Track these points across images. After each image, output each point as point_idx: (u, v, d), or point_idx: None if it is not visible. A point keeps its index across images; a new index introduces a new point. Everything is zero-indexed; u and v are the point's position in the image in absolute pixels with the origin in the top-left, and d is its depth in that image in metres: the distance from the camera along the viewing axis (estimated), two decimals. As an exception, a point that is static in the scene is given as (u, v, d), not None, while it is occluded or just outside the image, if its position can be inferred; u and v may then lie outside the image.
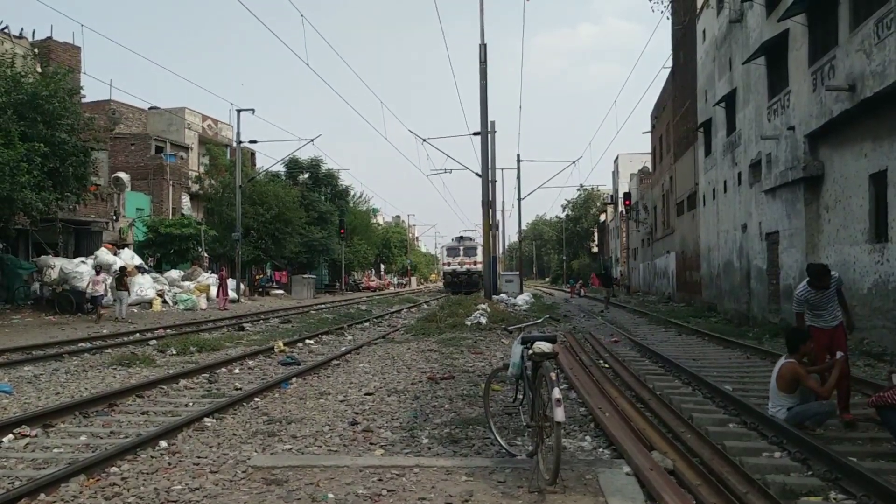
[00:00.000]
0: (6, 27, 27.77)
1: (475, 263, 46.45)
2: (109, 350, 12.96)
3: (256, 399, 8.13)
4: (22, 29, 29.02)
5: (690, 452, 5.44)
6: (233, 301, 29.83)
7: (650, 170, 44.09)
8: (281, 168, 48.08)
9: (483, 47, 22.41)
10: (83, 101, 25.21)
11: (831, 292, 6.73)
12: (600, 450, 5.86)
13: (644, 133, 42.32)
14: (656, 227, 39.35)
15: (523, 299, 27.77)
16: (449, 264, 49.45)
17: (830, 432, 6.17)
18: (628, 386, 8.73)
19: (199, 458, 5.58)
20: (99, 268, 21.17)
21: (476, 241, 48.71)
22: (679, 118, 30.62)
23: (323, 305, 30.07)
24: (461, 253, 48.85)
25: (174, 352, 12.56)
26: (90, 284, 20.42)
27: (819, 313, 6.73)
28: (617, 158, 62.96)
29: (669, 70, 33.45)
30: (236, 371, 10.60)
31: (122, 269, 21.66)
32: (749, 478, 4.70)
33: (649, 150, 42.82)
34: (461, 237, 50.97)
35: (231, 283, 30.72)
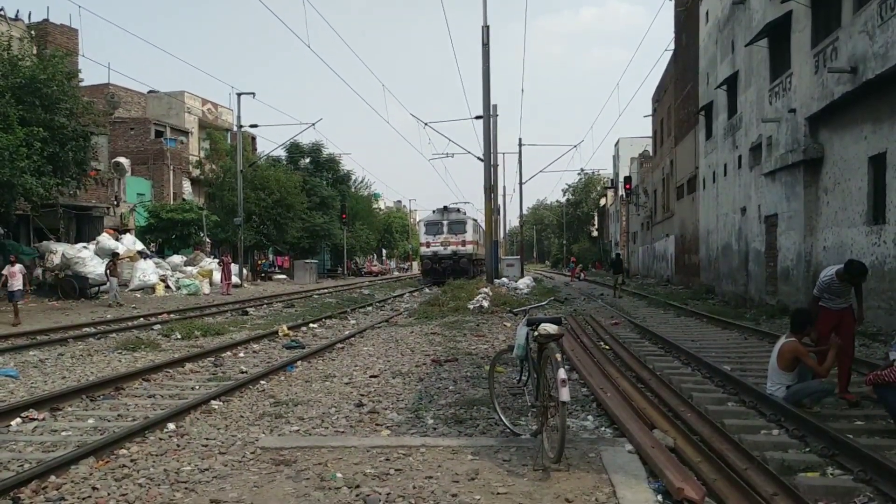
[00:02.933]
0: (1, 9, 27.55)
1: (463, 244, 35.48)
2: (114, 335, 13.06)
3: (262, 382, 8.22)
4: (17, 11, 28.84)
5: (691, 431, 5.53)
6: (236, 286, 29.92)
7: (651, 153, 44.00)
8: (282, 153, 47.99)
9: (485, 29, 22.23)
10: (81, 84, 25.07)
11: (852, 287, 6.78)
12: (603, 429, 5.96)
13: (645, 116, 42.20)
14: (656, 211, 39.37)
15: (524, 283, 27.82)
16: (428, 245, 36.34)
17: (827, 410, 6.26)
18: (629, 367, 8.82)
19: (207, 439, 5.66)
20: (14, 258, 17.11)
21: (465, 215, 37.69)
22: (680, 101, 30.51)
23: (325, 290, 30.16)
24: (445, 229, 35.98)
25: (179, 336, 12.65)
26: (6, 277, 16.03)
27: (833, 298, 6.76)
28: (618, 142, 62.87)
29: (671, 53, 33.29)
30: (241, 355, 10.69)
31: (115, 254, 21.99)
32: (748, 454, 4.79)
33: (650, 133, 42.72)
34: (445, 208, 37.23)
35: (234, 268, 30.80)
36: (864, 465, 4.58)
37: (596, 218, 79.37)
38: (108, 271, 20.70)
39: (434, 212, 37.83)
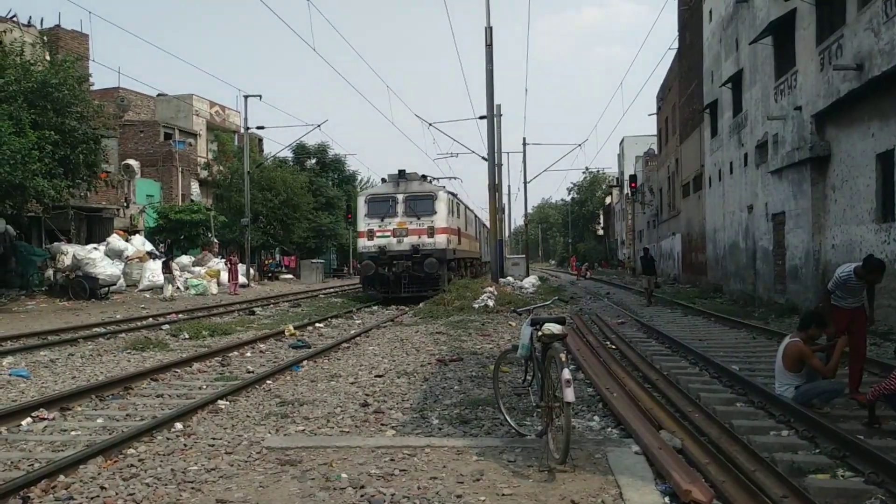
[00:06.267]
0: (15, 16, 27.83)
1: (431, 233, 21.55)
2: (123, 335, 13.13)
3: (269, 382, 8.26)
4: (30, 17, 29.15)
5: (698, 431, 5.50)
6: (243, 286, 30.05)
7: (656, 152, 43.86)
8: (288, 154, 48.24)
9: (489, 30, 22.26)
10: (92, 88, 25.34)
11: (867, 286, 6.68)
12: (609, 429, 5.94)
13: (650, 115, 42.04)
14: (662, 209, 39.24)
15: (530, 282, 27.82)
16: (371, 234, 21.84)
17: (837, 410, 6.21)
18: (635, 366, 8.80)
19: (213, 439, 5.68)
20: None
21: (436, 187, 23.31)
22: (685, 100, 30.39)
23: (332, 290, 30.23)
24: (399, 209, 21.86)
25: (187, 336, 12.71)
26: None
27: (846, 296, 6.65)
28: (623, 141, 62.67)
29: (675, 51, 33.16)
30: (248, 354, 10.73)
31: (169, 256, 25.21)
32: (757, 456, 4.76)
33: (655, 132, 42.57)
34: (402, 174, 22.63)
35: (241, 268, 30.96)
36: (875, 466, 4.55)
37: (601, 216, 79.18)
38: (164, 269, 23.67)
39: (385, 180, 23.31)
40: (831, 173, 13.73)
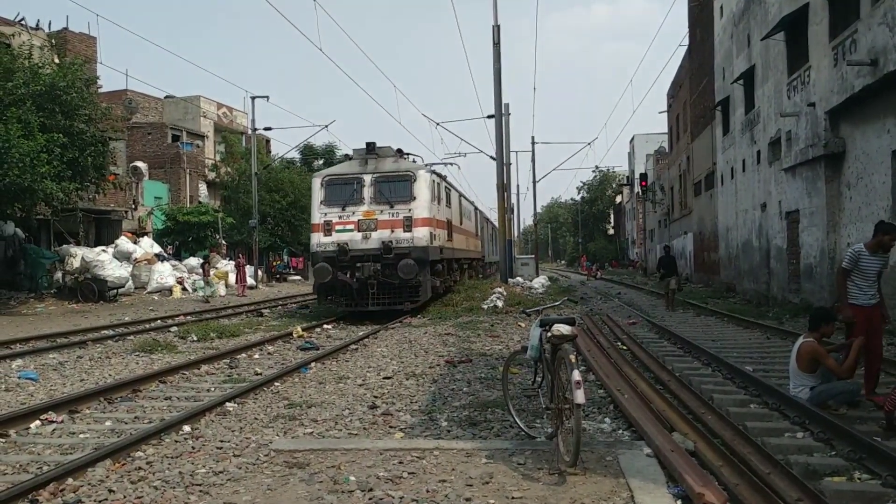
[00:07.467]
0: (23, 19, 28.00)
1: (408, 225, 16.03)
2: (132, 337, 13.15)
3: (276, 384, 8.23)
4: (38, 20, 29.24)
5: (711, 433, 5.43)
6: (251, 287, 30.12)
7: (667, 150, 43.60)
8: (296, 154, 48.31)
9: (496, 28, 22.22)
10: (100, 90, 25.41)
11: (881, 264, 6.51)
12: (620, 431, 5.87)
13: (660, 113, 41.85)
14: (673, 208, 39.00)
15: (539, 282, 27.66)
16: (329, 228, 16.24)
17: (854, 412, 6.10)
18: (647, 367, 8.71)
19: (221, 442, 5.66)
20: None
21: (412, 168, 16.99)
22: (696, 97, 30.18)
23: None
24: (366, 195, 16.29)
25: (195, 338, 12.72)
26: None
27: (860, 284, 6.45)
28: (633, 139, 62.45)
29: (686, 48, 32.94)
30: (256, 356, 10.72)
31: (206, 257, 27.03)
32: (772, 458, 4.68)
33: (666, 130, 42.34)
34: (369, 148, 16.86)
35: (249, 269, 31.03)
36: (892, 469, 4.45)
37: (612, 216, 78.89)
38: (203, 270, 25.28)
39: (350, 157, 18.08)
40: (846, 170, 13.56)
